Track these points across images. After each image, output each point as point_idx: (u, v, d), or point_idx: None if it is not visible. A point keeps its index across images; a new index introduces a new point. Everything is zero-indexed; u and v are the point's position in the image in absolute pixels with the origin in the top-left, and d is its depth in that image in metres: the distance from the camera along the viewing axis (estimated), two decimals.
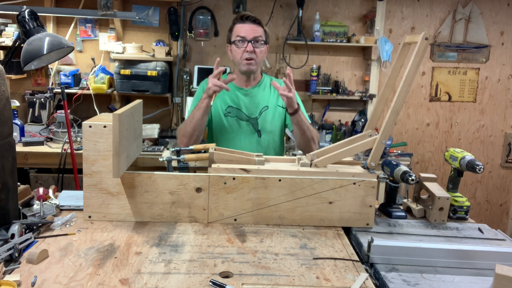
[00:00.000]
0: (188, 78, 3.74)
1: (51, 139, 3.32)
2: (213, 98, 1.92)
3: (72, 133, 2.96)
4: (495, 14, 3.99)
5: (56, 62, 3.50)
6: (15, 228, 1.31)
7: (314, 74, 3.87)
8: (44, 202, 1.60)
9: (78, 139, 3.26)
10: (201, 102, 1.97)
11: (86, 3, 3.60)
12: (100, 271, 1.20)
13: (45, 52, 1.82)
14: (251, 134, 2.15)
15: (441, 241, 1.49)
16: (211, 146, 1.70)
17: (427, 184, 1.73)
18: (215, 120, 2.17)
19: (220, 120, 2.16)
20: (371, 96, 3.89)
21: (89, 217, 1.54)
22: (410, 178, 1.54)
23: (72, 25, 3.68)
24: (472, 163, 1.63)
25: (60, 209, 1.62)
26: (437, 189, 1.69)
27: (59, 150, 3.02)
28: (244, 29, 2.06)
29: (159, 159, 1.70)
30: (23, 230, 1.36)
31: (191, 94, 3.69)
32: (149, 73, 3.48)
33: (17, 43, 1.93)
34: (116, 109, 2.06)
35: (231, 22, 2.17)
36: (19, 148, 3.02)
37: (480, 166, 1.60)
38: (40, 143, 3.16)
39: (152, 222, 1.55)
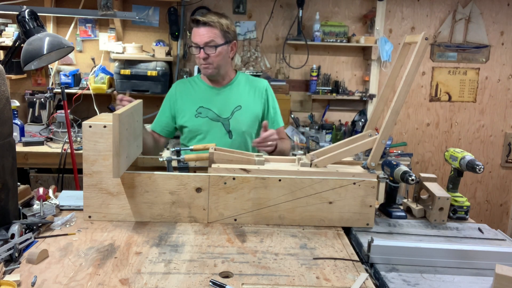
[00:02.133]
0: (188, 78, 3.74)
1: (51, 139, 3.32)
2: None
3: (72, 133, 2.96)
4: (495, 14, 3.99)
5: (56, 62, 3.50)
6: (15, 228, 1.31)
7: (314, 74, 3.87)
8: (44, 202, 1.60)
9: (78, 139, 3.26)
10: None
11: (86, 3, 3.60)
12: (100, 271, 1.20)
13: (45, 52, 1.82)
14: (222, 135, 2.07)
15: (441, 241, 1.49)
16: (211, 146, 1.70)
17: (427, 184, 1.73)
18: (187, 121, 2.10)
19: (191, 121, 2.08)
20: (371, 96, 3.89)
21: (89, 217, 1.54)
22: (410, 178, 1.54)
23: (72, 25, 3.68)
24: (472, 163, 1.62)
25: (60, 209, 1.62)
26: (437, 189, 1.69)
27: (59, 150, 3.02)
28: (197, 34, 1.99)
29: (159, 159, 1.70)
30: (23, 230, 1.36)
31: None
32: (149, 73, 3.49)
33: (17, 43, 1.93)
34: (116, 109, 2.06)
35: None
36: (19, 148, 3.02)
37: (480, 166, 1.60)
38: (40, 143, 3.16)
39: (152, 222, 1.55)
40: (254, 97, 2.15)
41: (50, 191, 1.70)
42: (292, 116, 3.85)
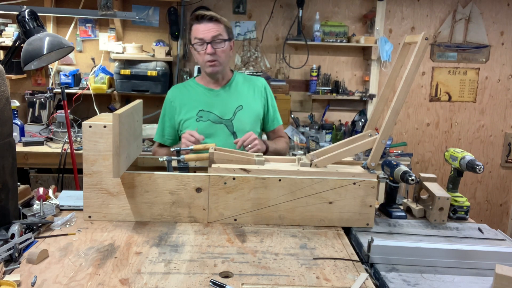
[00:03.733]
0: (188, 78, 3.74)
1: (51, 139, 3.32)
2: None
3: (72, 133, 2.96)
4: (495, 14, 3.99)
5: (56, 62, 3.50)
6: (15, 228, 1.31)
7: (314, 74, 3.87)
8: (44, 202, 1.60)
9: (78, 139, 3.26)
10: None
11: (86, 3, 3.60)
12: (100, 271, 1.20)
13: (45, 52, 1.82)
14: (227, 137, 2.02)
15: (441, 241, 1.49)
16: (211, 146, 1.70)
17: (427, 184, 1.73)
18: (188, 127, 2.04)
19: (193, 126, 2.03)
20: (371, 96, 3.89)
21: (89, 217, 1.54)
22: (410, 178, 1.54)
23: (72, 25, 3.68)
24: (472, 163, 1.62)
25: (60, 209, 1.62)
26: (437, 189, 1.69)
27: (59, 150, 3.03)
28: (202, 30, 1.95)
29: (159, 159, 1.70)
30: (23, 230, 1.36)
31: None
32: (149, 73, 3.49)
33: (17, 43, 1.93)
34: (116, 109, 2.06)
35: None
36: (19, 148, 3.02)
37: (480, 166, 1.60)
38: (40, 143, 3.16)
39: (152, 222, 1.55)
40: (254, 96, 2.13)
41: (50, 191, 1.70)
42: (292, 116, 3.86)
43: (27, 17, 1.86)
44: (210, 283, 1.15)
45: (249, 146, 1.86)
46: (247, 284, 1.16)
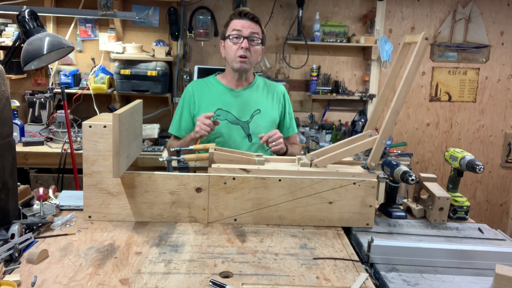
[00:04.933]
0: (188, 78, 3.74)
1: (51, 139, 3.32)
2: (198, 141, 1.86)
3: (72, 133, 2.96)
4: (495, 14, 3.99)
5: (56, 62, 3.50)
6: (15, 228, 1.31)
7: (314, 74, 3.87)
8: (44, 202, 1.60)
9: (78, 139, 3.26)
10: (188, 140, 1.91)
11: (86, 3, 3.60)
12: (100, 271, 1.20)
13: (45, 52, 1.82)
14: (241, 139, 2.06)
15: (441, 241, 1.49)
16: (211, 146, 1.70)
17: (427, 184, 1.73)
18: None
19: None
20: (371, 96, 3.89)
21: (89, 217, 1.54)
22: (410, 178, 1.54)
23: (72, 25, 3.68)
24: (472, 163, 1.63)
25: (60, 209, 1.62)
26: (437, 189, 1.69)
27: (59, 150, 3.02)
28: (241, 24, 1.99)
29: (159, 159, 1.70)
30: (23, 230, 1.36)
31: None
32: (149, 73, 3.48)
33: (17, 43, 1.93)
34: (116, 109, 2.06)
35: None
36: (19, 148, 3.02)
37: (480, 166, 1.60)
38: (40, 143, 3.16)
39: (152, 222, 1.55)
40: (272, 101, 2.15)
41: (50, 191, 1.70)
42: None
43: (27, 17, 1.86)
44: (210, 283, 1.15)
45: (274, 143, 1.87)
46: (247, 284, 1.16)
